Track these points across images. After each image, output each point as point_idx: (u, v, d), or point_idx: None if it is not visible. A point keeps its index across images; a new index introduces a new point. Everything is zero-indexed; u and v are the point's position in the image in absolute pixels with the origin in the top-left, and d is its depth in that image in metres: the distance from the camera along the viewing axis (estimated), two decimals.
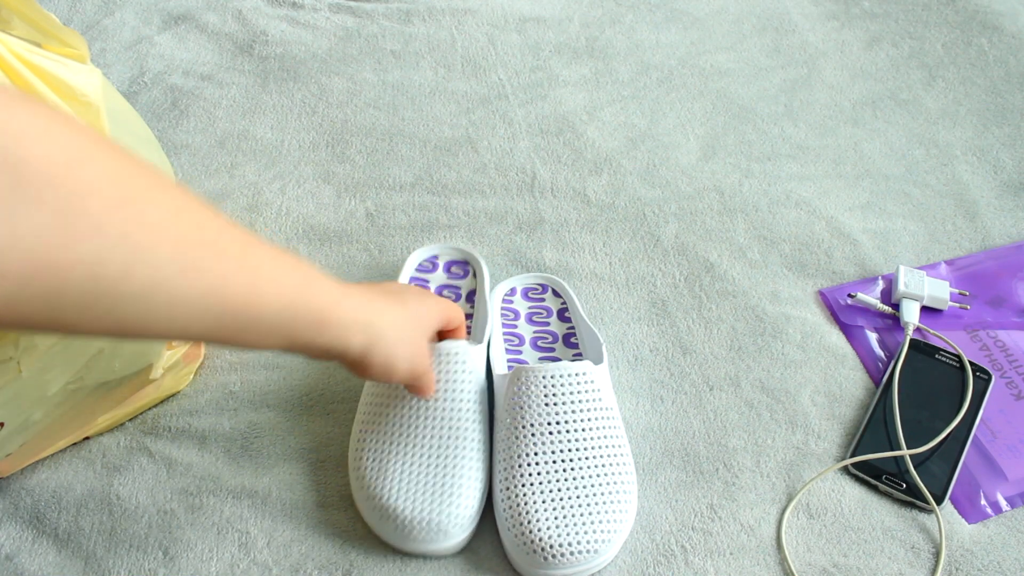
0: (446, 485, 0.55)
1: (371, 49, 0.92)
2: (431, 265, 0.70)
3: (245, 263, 0.40)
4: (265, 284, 0.41)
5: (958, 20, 0.95)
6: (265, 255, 0.42)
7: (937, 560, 0.56)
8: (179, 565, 0.56)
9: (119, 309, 0.35)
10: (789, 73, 0.90)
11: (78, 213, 0.32)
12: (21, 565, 0.56)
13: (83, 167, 0.33)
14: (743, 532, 0.58)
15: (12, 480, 0.60)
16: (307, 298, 0.43)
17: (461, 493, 0.55)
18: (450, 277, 0.69)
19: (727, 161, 0.81)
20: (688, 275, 0.72)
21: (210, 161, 0.81)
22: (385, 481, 0.56)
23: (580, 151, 0.82)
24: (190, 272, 0.37)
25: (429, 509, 0.54)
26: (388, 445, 0.57)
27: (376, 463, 0.57)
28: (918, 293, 0.69)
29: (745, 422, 0.63)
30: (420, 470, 0.56)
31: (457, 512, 0.54)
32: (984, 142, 0.83)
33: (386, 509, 0.55)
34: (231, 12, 0.95)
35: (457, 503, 0.55)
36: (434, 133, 0.83)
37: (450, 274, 0.69)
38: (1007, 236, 0.75)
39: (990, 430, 0.63)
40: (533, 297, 0.68)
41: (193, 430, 0.63)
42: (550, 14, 0.96)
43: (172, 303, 0.36)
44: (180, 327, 0.38)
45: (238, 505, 0.59)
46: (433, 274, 0.69)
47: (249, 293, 0.40)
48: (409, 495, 0.55)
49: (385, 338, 0.48)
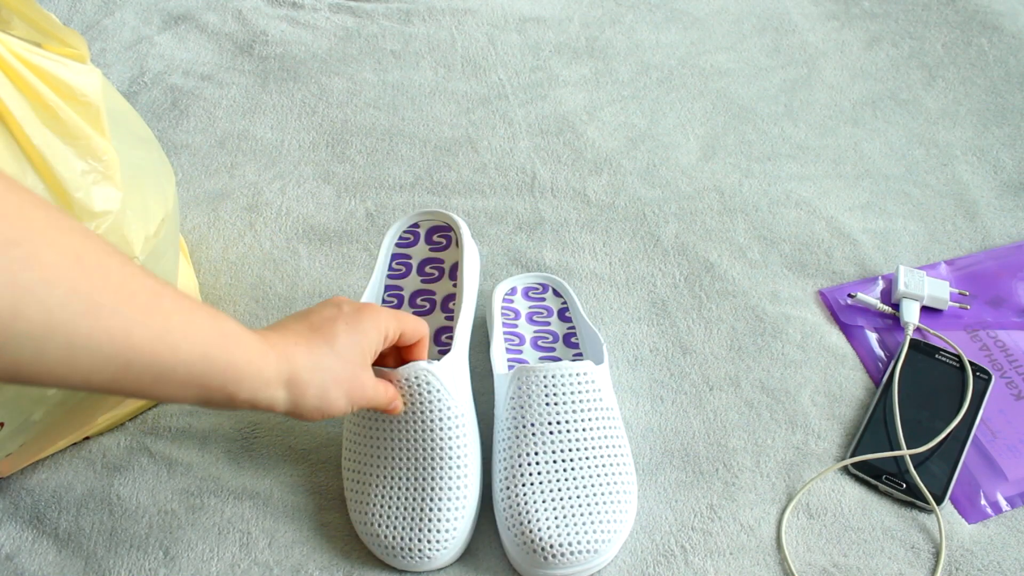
0: (424, 510, 0.54)
1: (371, 49, 0.92)
2: (412, 236, 0.66)
3: (154, 311, 0.39)
4: (176, 334, 0.39)
5: (958, 20, 0.95)
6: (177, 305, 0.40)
7: (937, 560, 0.56)
8: (180, 565, 0.56)
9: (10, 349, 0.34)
10: (789, 73, 0.90)
11: None
12: (21, 565, 0.56)
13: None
14: (743, 532, 0.58)
15: (12, 480, 0.60)
16: (221, 352, 0.41)
17: (441, 517, 0.54)
18: (432, 248, 0.66)
19: (727, 161, 0.81)
20: (688, 275, 0.72)
21: (210, 161, 0.81)
22: (367, 507, 0.56)
23: (580, 151, 0.82)
24: (90, 316, 0.36)
25: (409, 536, 0.54)
26: (367, 468, 0.57)
27: (358, 486, 0.57)
28: (918, 293, 0.69)
29: (745, 422, 0.63)
30: (398, 494, 0.55)
31: (437, 537, 0.54)
32: (984, 142, 0.83)
33: (372, 535, 0.55)
34: (231, 12, 0.95)
35: (437, 527, 0.54)
36: (434, 133, 0.83)
37: (432, 244, 0.66)
38: (1007, 236, 0.75)
39: (990, 430, 0.63)
40: (534, 297, 0.68)
41: (194, 430, 0.63)
42: (550, 14, 0.96)
43: (71, 347, 0.35)
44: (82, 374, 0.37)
45: (239, 505, 0.59)
46: (415, 247, 0.66)
47: (158, 342, 0.38)
48: (389, 521, 0.55)
49: (311, 385, 0.46)
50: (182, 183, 0.79)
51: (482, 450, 0.59)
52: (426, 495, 0.55)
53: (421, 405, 0.55)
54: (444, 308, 0.64)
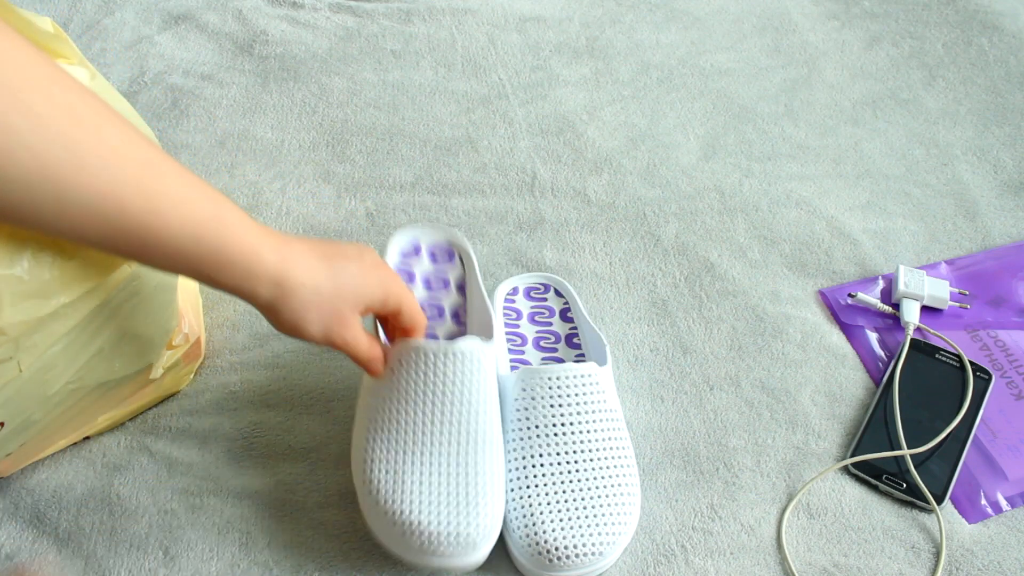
0: (470, 494, 0.52)
1: (371, 49, 0.92)
2: (413, 250, 0.64)
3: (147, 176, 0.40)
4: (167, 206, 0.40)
5: (958, 20, 0.95)
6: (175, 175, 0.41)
7: (937, 560, 0.56)
8: (180, 565, 0.56)
9: (5, 190, 0.36)
10: (789, 73, 0.90)
11: None
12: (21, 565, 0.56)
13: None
14: (743, 532, 0.58)
15: (12, 480, 0.60)
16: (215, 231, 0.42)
17: (487, 501, 0.52)
18: (435, 265, 0.64)
19: (727, 161, 0.81)
20: (688, 275, 0.72)
21: (210, 161, 0.81)
22: (403, 495, 0.52)
23: (580, 151, 0.82)
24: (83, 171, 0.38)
25: (456, 521, 0.51)
26: (401, 455, 0.53)
27: (390, 475, 0.52)
28: (918, 293, 0.69)
29: (745, 422, 0.63)
30: (441, 480, 0.52)
31: (484, 522, 0.51)
32: (984, 142, 0.83)
33: (407, 525, 0.51)
34: (231, 12, 0.95)
35: (484, 512, 0.51)
36: (434, 133, 0.83)
37: (435, 261, 0.64)
38: (1007, 236, 0.76)
39: (990, 430, 0.63)
40: (535, 297, 0.68)
41: (194, 430, 0.63)
42: (550, 14, 0.96)
43: (62, 198, 0.37)
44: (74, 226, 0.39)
45: (239, 505, 0.59)
46: (417, 259, 0.64)
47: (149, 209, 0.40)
48: (432, 508, 0.51)
49: (295, 297, 0.45)
50: None
51: None
52: (472, 477, 0.52)
53: (470, 383, 0.52)
54: (456, 320, 0.63)
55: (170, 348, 0.60)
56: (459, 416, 0.53)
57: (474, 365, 0.53)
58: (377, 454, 0.53)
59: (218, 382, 0.65)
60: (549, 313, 0.67)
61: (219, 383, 0.65)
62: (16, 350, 0.46)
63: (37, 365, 0.48)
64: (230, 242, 0.43)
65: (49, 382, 0.50)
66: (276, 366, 0.66)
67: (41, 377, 0.50)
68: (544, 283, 0.69)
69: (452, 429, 0.53)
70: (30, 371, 0.48)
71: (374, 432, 0.54)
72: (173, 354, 0.61)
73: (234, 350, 0.67)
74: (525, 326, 0.66)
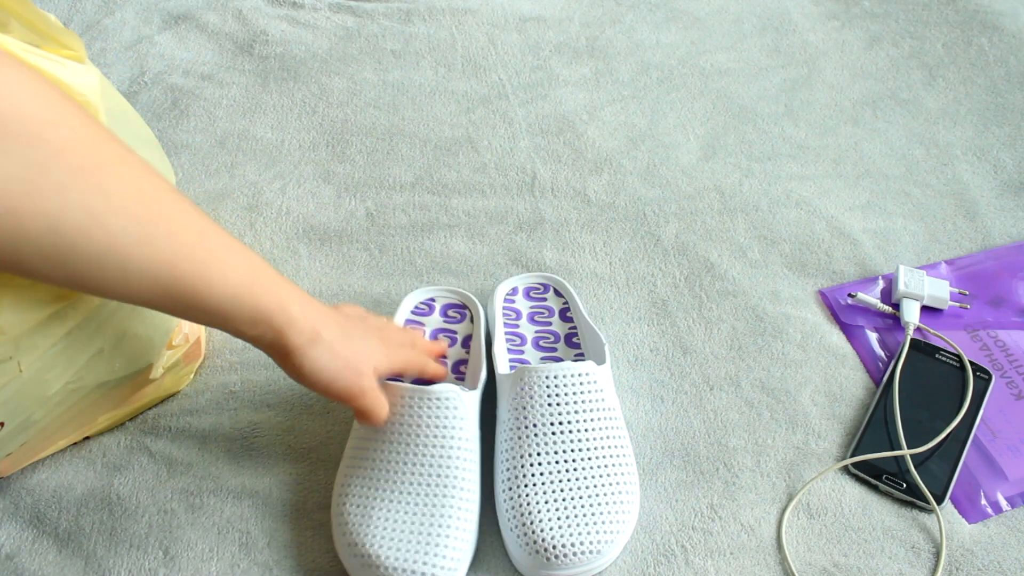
0: (432, 535, 0.53)
1: (371, 49, 0.92)
2: (427, 308, 0.67)
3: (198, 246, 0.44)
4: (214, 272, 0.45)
5: (958, 20, 0.95)
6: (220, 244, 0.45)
7: (937, 560, 0.56)
8: (179, 565, 0.56)
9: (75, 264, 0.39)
10: (789, 73, 0.90)
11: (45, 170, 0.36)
12: (21, 565, 0.56)
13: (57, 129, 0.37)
14: (743, 532, 0.58)
15: (12, 480, 0.60)
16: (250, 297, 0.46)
17: (448, 544, 0.52)
18: (447, 320, 0.67)
19: (727, 161, 0.81)
20: (688, 275, 0.72)
21: (210, 161, 0.81)
22: (368, 528, 0.53)
23: (580, 151, 0.82)
24: (144, 246, 0.41)
25: (417, 560, 0.52)
26: (373, 491, 0.55)
27: (360, 508, 0.54)
28: (918, 293, 0.69)
29: (745, 422, 0.63)
30: (406, 518, 0.53)
31: (446, 564, 0.52)
32: (984, 142, 0.83)
33: (368, 558, 0.52)
34: (231, 12, 0.95)
35: (443, 554, 0.52)
36: (434, 133, 0.83)
37: (447, 317, 0.67)
38: (1007, 236, 0.75)
39: (990, 430, 0.63)
40: (535, 297, 0.68)
41: (193, 430, 0.63)
42: (550, 14, 0.96)
43: (126, 269, 0.41)
44: (132, 292, 0.42)
45: (239, 505, 0.59)
46: (429, 317, 0.67)
47: (197, 277, 0.44)
48: (394, 544, 0.52)
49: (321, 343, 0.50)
50: (182, 183, 0.79)
51: (484, 450, 0.59)
52: (436, 519, 0.53)
53: (445, 427, 0.55)
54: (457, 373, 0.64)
55: (170, 348, 0.60)
56: (431, 459, 0.55)
57: (450, 411, 0.56)
58: (352, 488, 0.56)
59: (218, 382, 0.65)
60: (548, 313, 0.67)
61: (219, 383, 0.65)
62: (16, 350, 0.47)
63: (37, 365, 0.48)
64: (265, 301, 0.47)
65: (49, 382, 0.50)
66: (276, 366, 0.66)
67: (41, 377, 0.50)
68: (544, 283, 0.69)
69: (423, 471, 0.55)
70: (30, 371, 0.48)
71: (353, 467, 0.57)
72: (173, 354, 0.61)
73: (234, 350, 0.67)
74: (524, 326, 0.66)
